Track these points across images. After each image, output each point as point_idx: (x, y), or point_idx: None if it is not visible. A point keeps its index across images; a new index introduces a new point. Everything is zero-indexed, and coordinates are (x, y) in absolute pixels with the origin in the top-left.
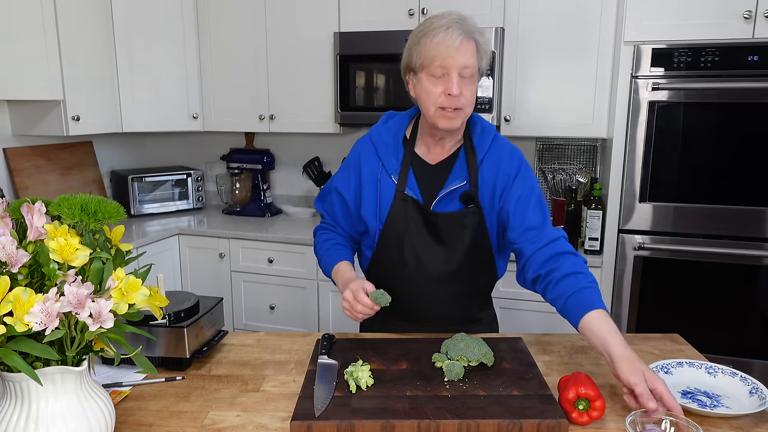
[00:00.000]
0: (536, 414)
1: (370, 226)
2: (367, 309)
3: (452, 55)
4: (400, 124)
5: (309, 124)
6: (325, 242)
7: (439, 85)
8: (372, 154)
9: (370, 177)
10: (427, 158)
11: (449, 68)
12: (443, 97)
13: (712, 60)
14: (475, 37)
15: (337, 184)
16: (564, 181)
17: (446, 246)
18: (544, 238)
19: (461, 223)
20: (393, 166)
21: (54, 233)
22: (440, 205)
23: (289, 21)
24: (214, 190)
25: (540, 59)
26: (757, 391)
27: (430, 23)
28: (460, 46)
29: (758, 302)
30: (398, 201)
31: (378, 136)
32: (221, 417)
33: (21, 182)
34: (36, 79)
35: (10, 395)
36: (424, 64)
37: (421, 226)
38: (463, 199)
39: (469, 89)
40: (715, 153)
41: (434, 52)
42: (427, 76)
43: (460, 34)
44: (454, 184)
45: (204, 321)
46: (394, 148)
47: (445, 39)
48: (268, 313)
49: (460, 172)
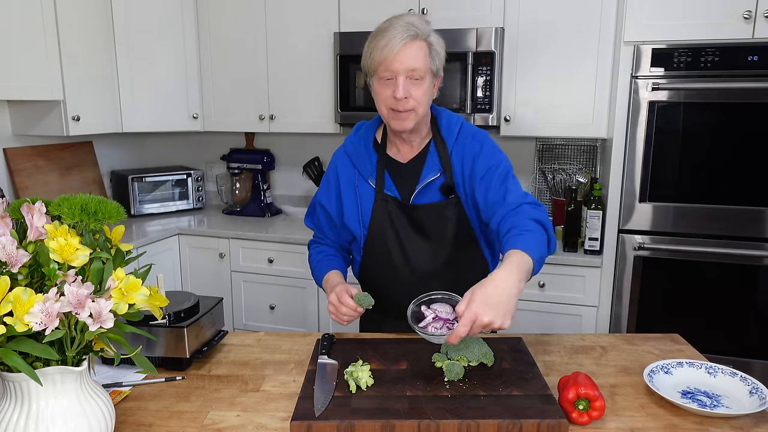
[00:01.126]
0: (536, 414)
1: (355, 232)
2: (351, 311)
3: (397, 59)
4: (369, 130)
5: (309, 124)
6: (317, 254)
7: (388, 88)
8: (347, 163)
9: (347, 185)
10: (399, 158)
11: (395, 72)
12: (392, 100)
13: (712, 60)
14: (427, 39)
15: (320, 198)
16: (564, 181)
17: (432, 241)
18: (507, 207)
19: (443, 215)
20: (368, 170)
21: (54, 233)
22: (419, 199)
23: (289, 21)
24: (214, 190)
25: (540, 59)
26: (757, 391)
27: (382, 26)
28: (406, 48)
29: (758, 302)
30: (379, 202)
31: (351, 145)
32: (221, 417)
33: (21, 182)
34: (36, 79)
35: (10, 395)
36: (373, 68)
37: (405, 222)
38: (443, 190)
39: (419, 90)
40: (715, 153)
41: (380, 57)
42: (377, 80)
43: (407, 36)
44: (429, 177)
45: (204, 321)
46: (366, 154)
47: (390, 42)
48: (268, 313)
49: (433, 166)
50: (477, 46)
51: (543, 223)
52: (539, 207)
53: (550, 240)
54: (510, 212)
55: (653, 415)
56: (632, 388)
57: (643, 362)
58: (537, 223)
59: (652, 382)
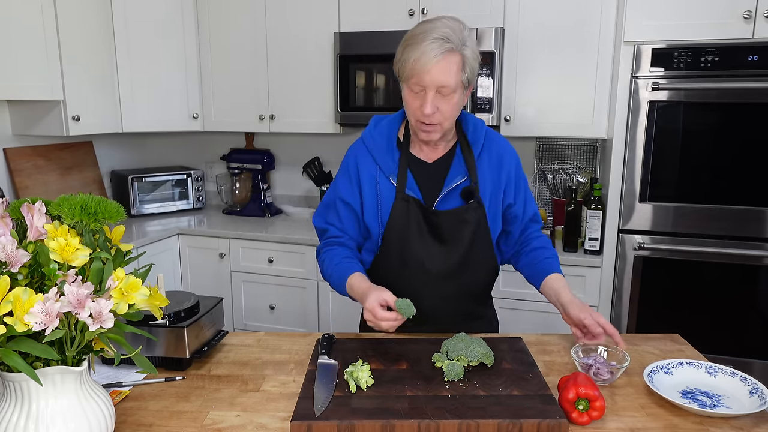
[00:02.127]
0: (536, 414)
1: (372, 229)
2: (393, 321)
3: (429, 74)
4: (392, 126)
5: (309, 124)
6: (332, 259)
7: (417, 99)
8: (368, 157)
9: (368, 180)
10: (423, 157)
11: (425, 86)
12: (420, 112)
13: (712, 60)
14: (461, 51)
15: (342, 193)
16: (564, 181)
17: (446, 244)
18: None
19: (463, 219)
20: (390, 168)
21: (54, 233)
22: (442, 203)
23: (289, 21)
24: (214, 190)
25: (540, 59)
26: (757, 391)
27: (416, 33)
28: (438, 65)
29: (758, 302)
30: (399, 202)
31: (371, 139)
32: (221, 417)
33: (21, 182)
34: (36, 79)
35: (10, 395)
36: (405, 77)
37: (423, 225)
38: (464, 195)
39: (448, 105)
40: (715, 153)
41: (411, 69)
42: (408, 89)
43: (442, 50)
44: (455, 182)
45: (204, 321)
46: (389, 151)
47: (423, 56)
48: (268, 313)
49: (459, 169)
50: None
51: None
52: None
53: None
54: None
55: (653, 415)
56: (632, 388)
57: (643, 362)
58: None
59: (652, 382)
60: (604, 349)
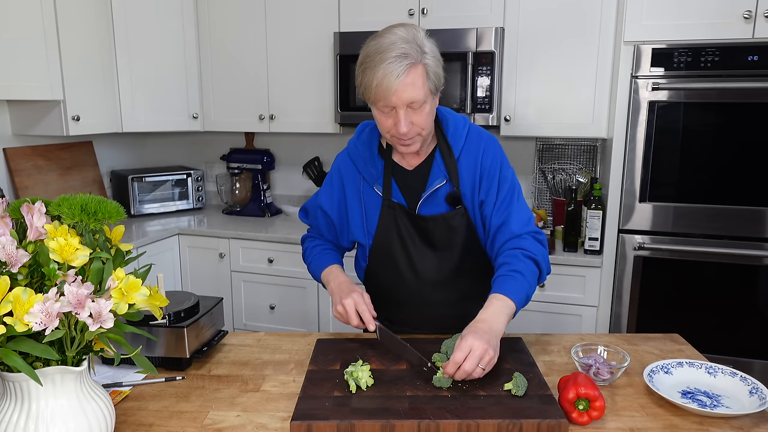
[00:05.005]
0: (536, 414)
1: (360, 240)
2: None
3: (395, 94)
4: (373, 134)
5: (309, 124)
6: (313, 248)
7: (389, 118)
8: (351, 168)
9: (353, 193)
10: (404, 164)
11: (394, 106)
12: (394, 129)
13: (712, 60)
14: (423, 61)
15: (321, 202)
16: (564, 181)
17: (438, 251)
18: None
19: (450, 226)
20: (374, 177)
21: (54, 233)
22: (426, 208)
23: (289, 21)
24: (214, 190)
25: (540, 59)
26: (757, 391)
27: (371, 53)
28: (402, 84)
29: (758, 302)
30: (386, 209)
31: (355, 150)
32: (221, 417)
33: (21, 182)
34: (36, 79)
35: (10, 395)
36: (371, 101)
37: (412, 231)
38: (449, 200)
39: (421, 116)
40: (715, 153)
41: (376, 94)
42: (377, 110)
43: (402, 68)
44: (435, 185)
45: (204, 321)
46: (372, 160)
47: (384, 78)
48: (268, 313)
49: (439, 173)
50: (477, 46)
51: (537, 259)
52: (538, 235)
53: (542, 274)
54: (508, 241)
55: (653, 415)
56: (632, 388)
57: (643, 362)
58: (530, 260)
59: (652, 382)
60: (604, 349)
